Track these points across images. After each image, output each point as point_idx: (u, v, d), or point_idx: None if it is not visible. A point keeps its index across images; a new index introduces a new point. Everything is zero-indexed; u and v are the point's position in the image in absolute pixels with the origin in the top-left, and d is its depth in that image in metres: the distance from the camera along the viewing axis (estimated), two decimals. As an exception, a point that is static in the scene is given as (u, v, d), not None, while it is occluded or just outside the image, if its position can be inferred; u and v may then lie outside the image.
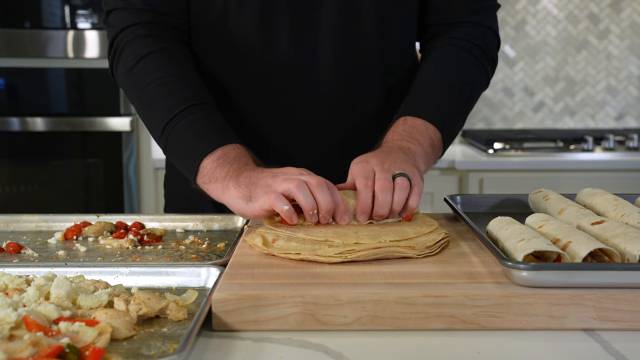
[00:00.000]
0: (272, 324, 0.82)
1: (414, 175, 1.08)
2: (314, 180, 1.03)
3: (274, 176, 1.05)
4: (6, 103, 2.78)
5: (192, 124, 1.17)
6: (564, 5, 3.43)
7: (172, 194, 1.50)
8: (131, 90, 1.26)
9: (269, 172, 1.07)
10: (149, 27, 1.25)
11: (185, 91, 1.21)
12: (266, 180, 1.05)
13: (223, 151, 1.13)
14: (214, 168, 1.12)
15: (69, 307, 0.80)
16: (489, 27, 1.35)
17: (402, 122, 1.23)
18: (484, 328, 0.82)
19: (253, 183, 1.06)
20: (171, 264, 0.98)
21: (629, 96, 3.48)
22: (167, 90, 1.20)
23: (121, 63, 1.26)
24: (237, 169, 1.10)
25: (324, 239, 0.99)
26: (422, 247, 0.98)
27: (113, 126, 2.75)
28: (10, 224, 1.27)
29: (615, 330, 0.82)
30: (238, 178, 1.09)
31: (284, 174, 1.05)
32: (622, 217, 1.06)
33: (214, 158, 1.12)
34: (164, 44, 1.25)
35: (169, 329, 0.79)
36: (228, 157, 1.12)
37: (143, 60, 1.22)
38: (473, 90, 1.32)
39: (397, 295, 0.82)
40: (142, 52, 1.23)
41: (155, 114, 1.21)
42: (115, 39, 1.27)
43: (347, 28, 1.29)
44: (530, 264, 0.83)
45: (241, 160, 1.12)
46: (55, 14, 2.73)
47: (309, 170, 1.08)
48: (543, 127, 3.50)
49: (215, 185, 1.11)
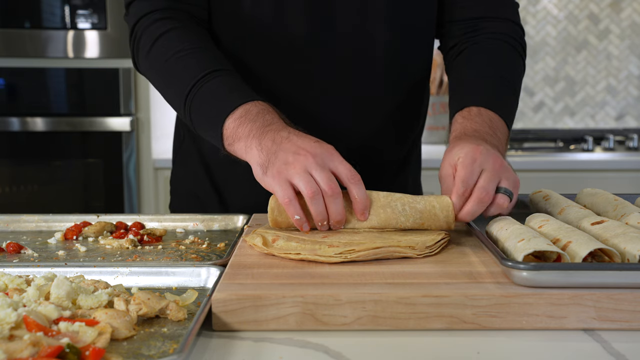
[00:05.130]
0: (272, 324, 0.82)
1: (515, 188, 1.05)
2: (329, 188, 0.99)
3: (295, 154, 1.01)
4: (6, 103, 2.78)
5: (211, 89, 1.15)
6: (564, 5, 3.43)
7: (178, 192, 1.50)
8: (151, 70, 1.25)
9: (293, 143, 1.03)
10: (165, 12, 1.25)
11: (204, 60, 1.19)
12: (286, 156, 1.01)
13: (244, 109, 1.10)
14: (236, 127, 1.09)
15: (69, 307, 0.80)
16: (515, 22, 1.36)
17: (484, 114, 1.18)
18: (484, 328, 0.82)
19: (273, 152, 1.03)
20: (171, 264, 0.98)
21: (629, 96, 3.48)
22: (186, 61, 1.19)
23: (141, 48, 1.25)
24: (260, 127, 1.07)
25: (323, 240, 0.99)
26: (422, 247, 0.98)
27: (113, 126, 2.75)
28: (10, 224, 1.27)
29: (615, 330, 0.82)
30: (261, 139, 1.05)
31: (305, 157, 1.00)
32: (622, 217, 1.06)
33: (236, 117, 1.09)
34: (181, 22, 1.24)
35: (169, 329, 0.79)
36: (250, 114, 1.09)
37: (160, 39, 1.22)
38: (519, 86, 1.33)
39: (397, 295, 0.82)
40: (159, 31, 1.22)
41: (175, 86, 1.20)
42: (134, 28, 1.27)
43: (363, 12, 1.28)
44: (530, 264, 0.83)
45: (265, 118, 1.09)
46: (55, 14, 2.73)
47: (332, 150, 1.03)
48: (543, 127, 3.50)
49: (239, 144, 1.08)
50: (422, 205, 1.05)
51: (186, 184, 1.45)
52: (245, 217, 1.27)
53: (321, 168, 1.00)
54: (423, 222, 1.05)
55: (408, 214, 1.05)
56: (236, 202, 1.40)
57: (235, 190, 1.39)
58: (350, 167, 1.02)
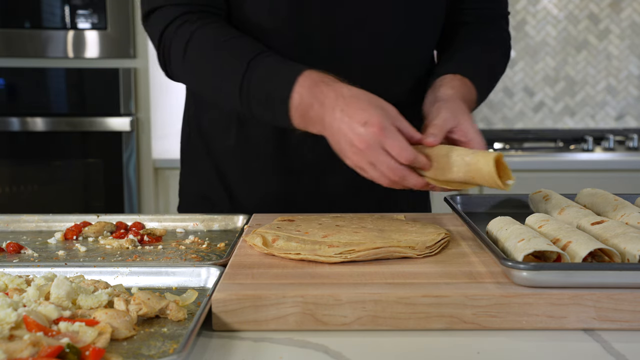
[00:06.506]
0: (272, 324, 0.82)
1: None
2: (405, 159, 1.04)
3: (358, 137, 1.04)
4: (6, 103, 2.78)
5: (267, 68, 1.16)
6: (564, 5, 3.43)
7: (187, 192, 1.49)
8: (190, 69, 1.24)
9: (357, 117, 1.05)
10: (191, 16, 1.24)
11: (248, 44, 1.20)
12: (353, 139, 1.05)
13: (307, 78, 1.11)
14: (302, 103, 1.10)
15: (69, 307, 0.80)
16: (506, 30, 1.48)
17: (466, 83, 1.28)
18: (484, 328, 0.82)
19: (343, 134, 1.06)
20: (171, 264, 0.98)
21: (629, 96, 3.48)
22: (228, 52, 1.19)
23: (172, 54, 1.24)
24: (325, 101, 1.09)
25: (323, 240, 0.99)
26: (422, 247, 0.98)
27: (113, 126, 2.75)
28: (10, 224, 1.28)
29: (615, 330, 0.82)
30: (328, 114, 1.08)
31: (373, 133, 1.03)
32: (622, 217, 1.06)
33: (300, 88, 1.11)
34: (206, 20, 1.24)
35: (169, 329, 0.79)
36: (314, 85, 1.11)
37: (192, 41, 1.21)
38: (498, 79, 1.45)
39: (397, 295, 0.82)
40: (189, 32, 1.22)
41: (224, 76, 1.19)
42: (161, 38, 1.26)
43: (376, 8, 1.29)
44: (530, 264, 0.83)
45: (331, 81, 1.11)
46: (55, 14, 2.73)
47: (395, 114, 1.07)
48: (543, 127, 3.50)
49: (312, 121, 1.11)
50: (470, 157, 1.05)
51: (195, 185, 1.45)
52: (245, 217, 1.27)
53: (392, 139, 1.04)
54: (472, 176, 1.04)
55: (460, 165, 1.05)
56: (246, 196, 1.39)
57: (245, 184, 1.39)
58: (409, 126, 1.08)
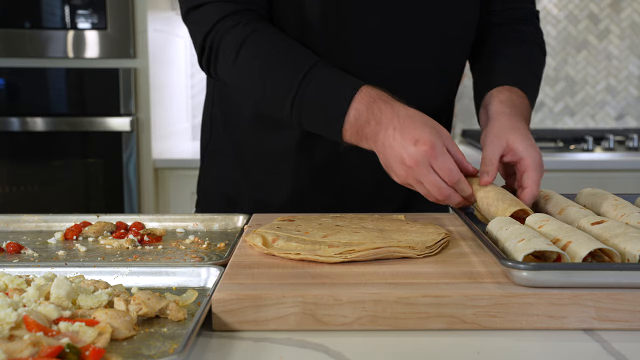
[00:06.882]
0: (272, 324, 0.82)
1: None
2: (450, 178, 1.08)
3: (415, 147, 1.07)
4: (6, 103, 2.78)
5: (321, 81, 1.16)
6: (564, 5, 3.43)
7: (206, 187, 1.49)
8: (240, 72, 1.23)
9: (408, 136, 1.08)
10: (239, 16, 1.23)
11: (302, 54, 1.20)
12: (401, 157, 1.08)
13: (365, 95, 1.12)
14: (358, 119, 1.12)
15: (69, 307, 0.80)
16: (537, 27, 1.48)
17: (514, 92, 1.29)
18: (484, 328, 0.82)
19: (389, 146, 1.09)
20: (171, 264, 0.98)
21: (629, 96, 3.48)
22: (284, 59, 1.19)
23: (222, 53, 1.23)
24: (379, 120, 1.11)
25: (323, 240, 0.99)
26: (422, 247, 0.98)
27: (113, 126, 2.75)
28: (10, 224, 1.28)
29: (615, 330, 0.82)
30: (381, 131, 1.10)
31: (424, 151, 1.06)
32: (622, 217, 1.06)
33: (357, 106, 1.12)
34: (258, 24, 1.23)
35: (169, 329, 0.79)
36: (372, 103, 1.12)
37: (247, 43, 1.20)
38: (540, 78, 1.45)
39: (397, 295, 0.82)
40: (245, 34, 1.21)
41: (276, 86, 1.19)
42: (207, 35, 1.24)
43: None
44: (530, 264, 0.83)
45: (387, 100, 1.13)
46: (55, 14, 2.73)
47: (446, 136, 1.10)
48: (543, 127, 3.50)
49: (366, 139, 1.13)
50: (493, 209, 1.11)
51: (214, 184, 1.45)
52: (246, 217, 1.27)
53: (441, 159, 1.08)
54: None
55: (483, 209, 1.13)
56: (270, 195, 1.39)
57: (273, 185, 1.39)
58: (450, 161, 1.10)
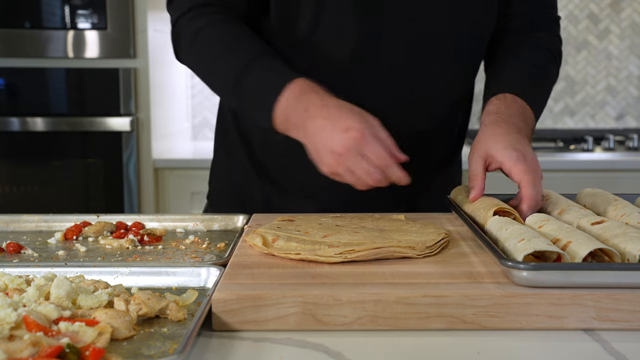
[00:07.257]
0: (272, 324, 0.82)
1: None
2: (382, 162, 1.07)
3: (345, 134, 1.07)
4: (6, 103, 2.78)
5: (260, 73, 1.18)
6: (564, 5, 3.42)
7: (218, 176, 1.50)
8: (195, 58, 1.28)
9: (336, 123, 1.08)
10: (206, 8, 1.27)
11: (252, 43, 1.22)
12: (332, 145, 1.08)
13: (290, 89, 1.14)
14: (285, 110, 1.13)
15: (69, 307, 0.80)
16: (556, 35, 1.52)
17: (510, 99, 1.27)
18: (484, 328, 0.82)
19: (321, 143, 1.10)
20: (171, 264, 0.98)
21: (629, 96, 3.48)
22: (232, 47, 1.22)
23: (183, 39, 1.28)
24: (305, 111, 1.12)
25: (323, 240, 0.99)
26: (422, 247, 0.98)
27: (113, 126, 2.75)
28: (10, 224, 1.28)
29: (615, 330, 0.82)
30: (307, 124, 1.11)
31: (354, 139, 1.06)
32: (622, 217, 1.06)
33: (284, 99, 1.13)
34: (220, 16, 1.26)
35: (169, 329, 0.79)
36: (298, 96, 1.13)
37: (203, 30, 1.24)
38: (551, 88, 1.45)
39: (397, 295, 0.82)
40: (202, 23, 1.25)
41: (220, 74, 1.23)
42: (175, 25, 1.30)
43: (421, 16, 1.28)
44: (530, 264, 0.83)
45: (309, 99, 1.13)
46: (55, 14, 2.73)
47: (376, 124, 1.09)
48: (543, 127, 3.50)
49: (291, 130, 1.14)
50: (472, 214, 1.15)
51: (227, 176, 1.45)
52: (245, 217, 1.27)
53: (372, 145, 1.07)
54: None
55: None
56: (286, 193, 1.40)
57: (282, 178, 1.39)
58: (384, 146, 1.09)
